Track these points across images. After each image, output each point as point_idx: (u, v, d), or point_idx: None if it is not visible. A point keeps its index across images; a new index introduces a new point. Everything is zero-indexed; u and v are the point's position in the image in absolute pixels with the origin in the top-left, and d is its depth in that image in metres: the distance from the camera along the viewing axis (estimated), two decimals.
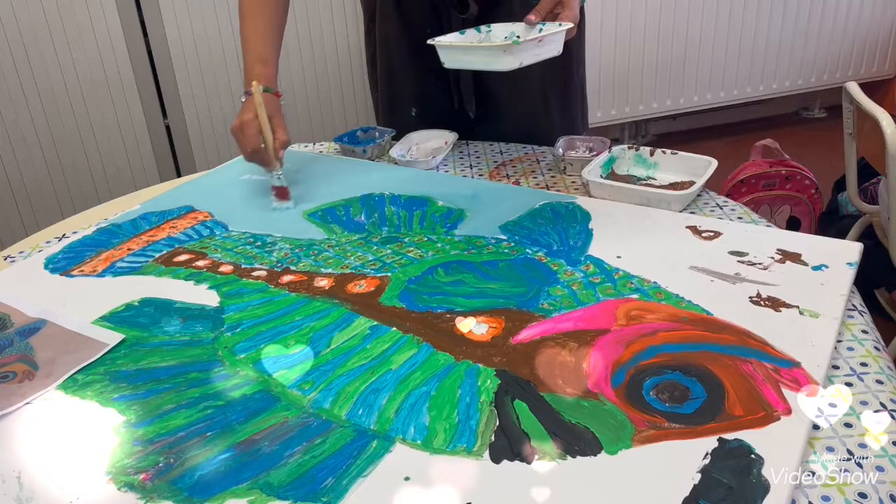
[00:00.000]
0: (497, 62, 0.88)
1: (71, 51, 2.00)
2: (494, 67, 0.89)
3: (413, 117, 1.24)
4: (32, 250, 0.92)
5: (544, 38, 0.89)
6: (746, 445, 0.53)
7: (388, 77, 1.25)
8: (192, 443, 0.57)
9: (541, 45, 0.90)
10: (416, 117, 1.24)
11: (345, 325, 0.71)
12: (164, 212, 0.99)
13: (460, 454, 0.54)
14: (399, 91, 1.25)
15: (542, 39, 0.89)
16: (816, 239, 0.81)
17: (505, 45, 0.87)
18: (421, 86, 1.22)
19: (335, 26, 2.28)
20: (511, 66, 0.88)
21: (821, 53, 2.92)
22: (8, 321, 0.75)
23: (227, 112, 2.25)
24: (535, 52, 0.89)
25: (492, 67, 0.89)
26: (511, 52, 0.87)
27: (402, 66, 1.21)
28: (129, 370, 0.67)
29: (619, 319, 0.68)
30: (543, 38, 0.89)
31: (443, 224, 0.91)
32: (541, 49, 0.90)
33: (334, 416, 0.59)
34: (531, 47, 0.88)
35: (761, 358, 0.61)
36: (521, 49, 0.87)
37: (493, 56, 0.89)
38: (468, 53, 0.93)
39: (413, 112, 1.25)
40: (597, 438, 0.55)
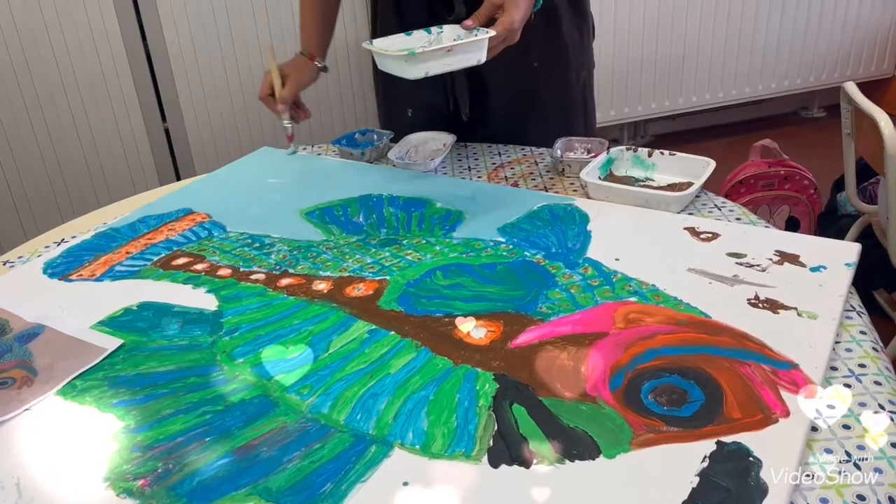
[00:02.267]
0: (403, 70, 0.87)
1: (70, 54, 2.00)
2: (404, 75, 0.88)
3: (408, 118, 1.25)
4: (31, 255, 0.92)
5: (454, 48, 0.86)
6: (745, 448, 0.53)
7: (385, 76, 1.25)
8: (191, 448, 0.57)
9: (453, 55, 0.86)
10: (412, 118, 1.24)
11: (343, 328, 0.71)
12: (163, 214, 0.99)
13: (459, 459, 0.54)
14: (396, 91, 1.26)
15: (451, 49, 0.86)
16: (814, 240, 0.81)
17: (405, 55, 0.85)
18: (417, 87, 1.21)
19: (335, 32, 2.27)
20: (417, 76, 0.86)
21: (819, 53, 2.92)
22: (7, 327, 0.75)
23: (226, 115, 2.25)
24: (445, 62, 0.87)
25: (401, 75, 0.88)
26: (412, 62, 0.85)
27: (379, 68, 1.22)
28: (128, 375, 0.67)
29: (618, 322, 0.68)
30: (453, 48, 0.86)
31: (441, 226, 0.91)
32: (453, 58, 0.87)
33: (333, 420, 0.59)
34: (438, 56, 0.86)
35: (759, 360, 0.61)
36: (423, 59, 0.85)
37: (398, 64, 0.88)
38: (384, 59, 0.91)
39: (409, 113, 1.25)
40: (595, 442, 0.55)
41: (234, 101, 2.24)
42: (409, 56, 0.85)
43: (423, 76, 0.87)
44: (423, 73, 0.86)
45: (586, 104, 1.27)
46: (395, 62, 0.88)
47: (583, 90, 1.25)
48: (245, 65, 2.21)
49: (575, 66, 1.22)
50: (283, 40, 2.23)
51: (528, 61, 1.16)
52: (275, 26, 2.20)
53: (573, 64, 1.21)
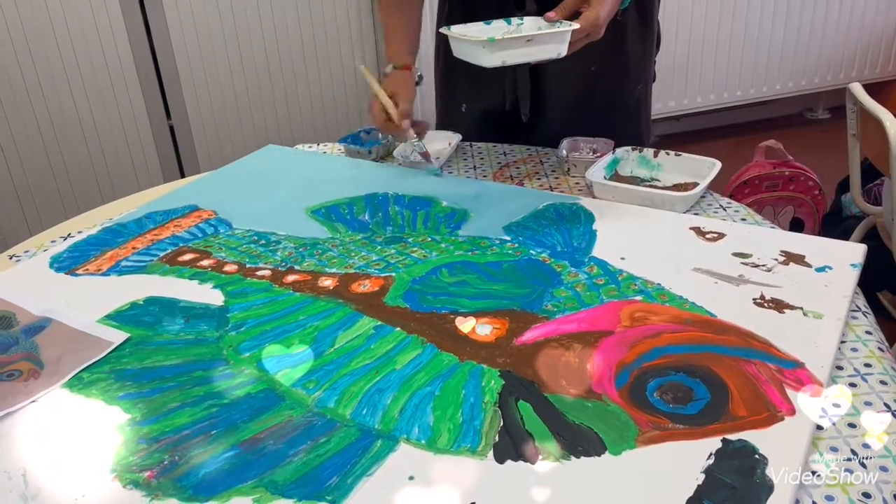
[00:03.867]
0: (479, 57, 0.85)
1: (75, 51, 2.01)
2: (480, 62, 0.85)
3: (462, 113, 1.24)
4: (38, 250, 0.93)
5: (535, 38, 0.84)
6: (750, 446, 0.53)
7: (446, 68, 1.26)
8: (197, 441, 0.57)
9: (531, 45, 0.84)
10: (465, 114, 1.23)
11: (349, 324, 0.71)
12: (169, 211, 1.00)
13: (464, 454, 0.54)
14: (454, 85, 1.24)
15: (531, 39, 0.84)
16: (820, 240, 0.81)
17: (483, 42, 0.83)
18: (476, 82, 1.21)
19: (338, 28, 2.28)
20: (492, 64, 0.84)
21: (824, 54, 2.91)
22: (13, 320, 0.76)
23: (230, 113, 2.25)
24: (523, 52, 0.84)
25: (477, 62, 0.86)
26: (490, 49, 0.83)
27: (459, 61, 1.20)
28: (134, 369, 0.67)
29: (623, 321, 0.68)
30: (534, 38, 0.84)
31: (447, 224, 0.91)
32: (531, 49, 0.85)
33: (339, 415, 0.59)
34: (518, 45, 0.84)
35: (765, 359, 0.62)
36: (501, 47, 0.83)
37: (475, 51, 0.85)
38: (461, 45, 0.89)
39: (463, 107, 1.24)
40: (600, 439, 0.55)
41: (238, 98, 2.24)
42: (489, 42, 0.82)
43: (500, 64, 0.84)
44: (500, 61, 0.84)
45: (639, 116, 1.24)
46: (473, 48, 0.86)
47: (637, 102, 1.23)
48: (250, 62, 2.22)
49: (633, 78, 1.19)
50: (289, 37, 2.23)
51: (587, 66, 1.14)
52: (279, 24, 2.21)
53: (631, 75, 1.19)
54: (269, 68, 2.25)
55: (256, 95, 2.27)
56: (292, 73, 2.28)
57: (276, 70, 2.26)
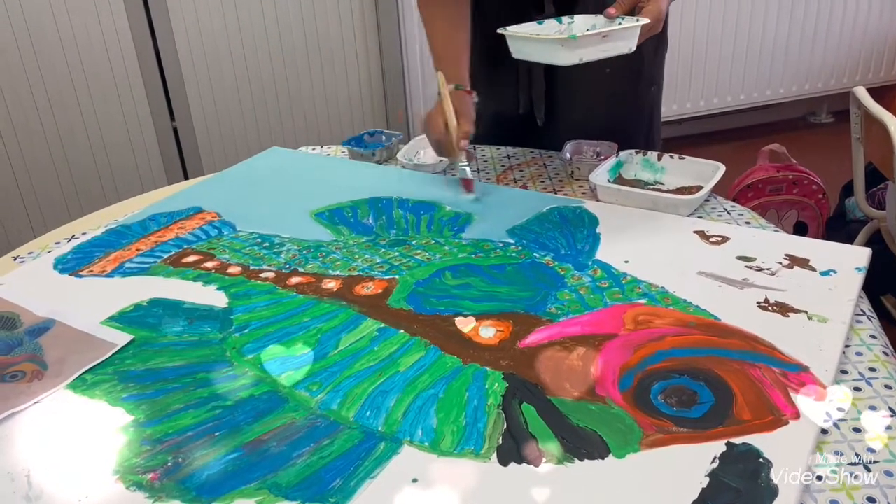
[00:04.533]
0: (555, 56, 0.84)
1: (80, 53, 2.01)
2: (554, 61, 0.85)
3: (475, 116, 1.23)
4: (42, 251, 0.93)
5: (610, 34, 0.83)
6: (755, 449, 0.53)
7: None
8: (201, 443, 0.57)
9: (606, 41, 0.84)
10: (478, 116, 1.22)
11: (353, 326, 0.71)
12: (173, 212, 1.00)
13: (468, 457, 0.54)
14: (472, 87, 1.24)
15: (606, 35, 0.83)
16: (824, 244, 0.81)
17: (562, 39, 0.83)
18: (490, 86, 1.18)
19: (342, 31, 2.29)
20: (570, 62, 0.83)
21: (828, 58, 2.91)
22: (17, 321, 0.76)
23: (234, 115, 2.26)
24: (599, 48, 0.84)
25: (551, 61, 0.85)
26: (569, 46, 0.82)
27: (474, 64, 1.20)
28: (138, 370, 0.67)
29: (627, 324, 0.68)
30: (609, 34, 0.83)
31: (450, 227, 0.91)
32: (606, 45, 0.84)
33: (342, 417, 0.59)
34: (593, 42, 0.83)
35: (769, 362, 0.61)
36: (579, 45, 0.82)
37: (551, 49, 0.84)
38: (530, 45, 0.88)
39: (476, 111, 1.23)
40: (604, 442, 0.55)
41: (242, 100, 2.25)
42: (568, 40, 0.82)
43: (577, 62, 0.83)
44: (577, 58, 0.83)
45: (652, 120, 1.24)
46: (548, 47, 0.84)
47: (651, 106, 1.23)
48: (254, 65, 2.22)
49: (646, 81, 1.19)
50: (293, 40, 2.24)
51: (601, 68, 1.12)
52: (284, 29, 2.21)
53: (644, 78, 1.19)
54: (273, 70, 2.25)
55: (260, 97, 2.27)
56: (296, 75, 2.28)
57: (279, 72, 2.26)
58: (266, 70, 2.25)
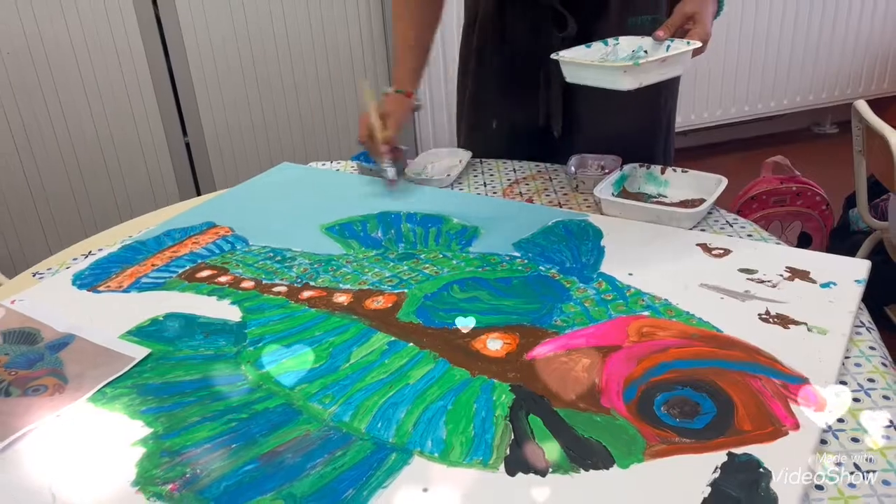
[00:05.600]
0: (617, 82, 0.87)
1: (94, 69, 2.05)
2: (615, 87, 0.87)
3: (493, 130, 1.25)
4: (60, 267, 0.95)
5: (668, 59, 0.86)
6: (755, 459, 0.54)
7: (477, 85, 1.27)
8: (218, 454, 0.59)
9: (664, 65, 0.87)
10: (496, 129, 1.24)
11: (363, 340, 0.73)
12: (187, 228, 1.02)
13: (476, 466, 0.56)
14: (485, 101, 1.26)
15: (665, 59, 0.86)
16: (825, 256, 0.83)
17: (626, 66, 0.85)
18: (508, 99, 1.22)
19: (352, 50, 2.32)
20: (631, 87, 0.86)
21: (832, 69, 2.93)
22: (38, 336, 0.78)
23: (245, 130, 2.29)
24: (658, 72, 0.87)
25: (612, 87, 0.88)
26: (631, 72, 0.85)
27: (492, 77, 1.21)
28: (156, 383, 0.69)
29: (631, 336, 0.70)
30: (667, 58, 0.86)
31: (458, 241, 0.93)
32: (664, 69, 0.87)
33: (354, 429, 0.61)
34: (653, 67, 0.86)
35: (770, 374, 0.63)
36: (641, 70, 0.85)
37: (613, 76, 0.87)
38: (589, 71, 0.91)
39: (493, 124, 1.25)
40: (609, 452, 0.56)
41: (253, 116, 2.28)
42: (632, 67, 0.85)
43: (637, 87, 0.86)
44: (638, 83, 0.86)
45: (668, 131, 1.25)
46: (609, 73, 0.87)
47: (668, 117, 1.24)
48: (265, 81, 2.25)
49: (665, 92, 1.21)
50: (303, 56, 2.27)
51: None
52: (294, 45, 2.24)
53: (663, 88, 1.19)
54: (284, 87, 2.28)
55: (271, 113, 2.30)
56: (306, 92, 2.31)
57: (290, 88, 2.29)
58: (276, 86, 2.28)
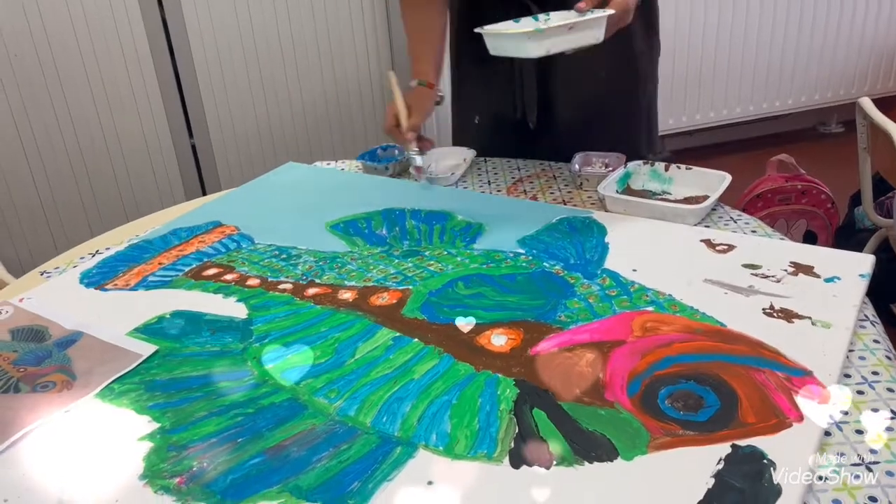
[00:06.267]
0: (524, 48, 0.87)
1: (100, 70, 2.06)
2: (524, 54, 0.88)
3: (475, 125, 1.26)
4: (67, 266, 0.96)
5: (576, 25, 0.87)
6: (759, 451, 0.54)
7: (458, 81, 1.28)
8: (224, 448, 0.60)
9: (572, 32, 0.88)
10: (479, 125, 1.25)
11: (368, 336, 0.73)
12: (193, 227, 1.03)
13: (481, 460, 0.56)
14: (466, 96, 1.27)
15: (572, 27, 0.87)
16: (829, 251, 0.83)
17: (529, 32, 0.86)
18: (487, 93, 1.22)
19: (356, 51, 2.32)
20: (538, 53, 0.87)
21: (837, 68, 2.92)
22: (46, 333, 0.79)
23: (250, 132, 2.30)
24: (566, 39, 0.87)
25: (521, 54, 0.88)
26: (535, 38, 0.86)
27: (470, 71, 1.22)
28: (163, 379, 0.69)
29: (635, 331, 0.70)
30: (574, 25, 0.87)
31: (462, 238, 0.93)
32: (572, 36, 0.88)
33: (359, 423, 0.61)
34: (560, 33, 0.87)
35: (774, 367, 0.63)
36: (546, 36, 0.86)
37: (519, 42, 0.88)
38: (501, 40, 0.92)
39: (476, 120, 1.26)
40: (613, 445, 0.56)
41: (258, 117, 2.29)
42: (535, 33, 0.85)
43: (545, 53, 0.87)
44: (545, 50, 0.87)
45: (650, 118, 1.27)
46: (517, 41, 0.88)
47: (648, 104, 1.25)
48: (270, 82, 2.26)
49: (642, 81, 1.22)
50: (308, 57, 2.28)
51: (596, 70, 1.16)
52: (300, 47, 2.25)
53: (641, 76, 1.21)
54: (289, 90, 2.29)
55: (276, 114, 2.31)
56: (311, 94, 2.32)
57: (295, 91, 2.30)
58: (282, 88, 2.29)
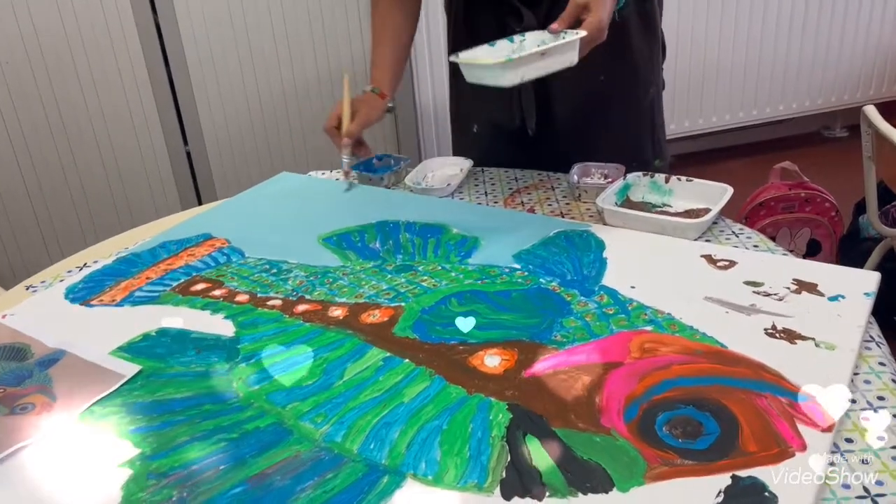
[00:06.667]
0: (500, 78, 0.87)
1: (93, 77, 2.05)
2: (500, 83, 0.87)
3: (474, 133, 1.24)
4: (54, 280, 0.94)
5: (548, 51, 0.87)
6: (760, 483, 0.52)
7: (456, 92, 1.27)
8: (206, 476, 0.58)
9: (547, 58, 0.87)
10: (477, 134, 1.23)
11: (358, 356, 0.71)
12: (182, 240, 1.01)
13: (471, 490, 0.54)
14: (465, 105, 1.25)
15: (545, 52, 0.86)
16: (833, 268, 0.80)
17: (502, 63, 0.85)
18: (485, 101, 1.21)
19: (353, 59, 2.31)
20: (513, 82, 0.86)
21: (842, 73, 2.90)
22: (28, 352, 0.77)
23: (246, 140, 2.28)
24: (540, 66, 0.87)
25: (495, 84, 0.88)
26: (509, 67, 0.85)
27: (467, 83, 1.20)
28: (145, 402, 0.67)
29: (633, 352, 0.68)
30: (547, 51, 0.86)
31: (457, 252, 0.91)
32: (546, 61, 0.87)
33: (346, 450, 0.59)
34: (533, 60, 0.86)
35: (776, 392, 0.61)
36: (518, 64, 0.85)
37: (492, 73, 0.87)
38: (476, 70, 0.91)
39: (474, 129, 1.24)
40: (608, 475, 0.54)
41: (254, 124, 2.27)
42: (507, 63, 0.85)
43: (520, 81, 0.86)
44: (519, 78, 0.86)
45: (654, 122, 1.24)
46: (490, 71, 0.88)
47: (651, 108, 1.23)
48: (266, 89, 2.25)
49: (643, 84, 1.19)
50: (304, 65, 2.26)
51: (595, 76, 1.14)
52: (295, 54, 2.24)
53: (641, 81, 1.19)
54: (285, 95, 2.27)
55: (272, 122, 2.29)
56: (308, 100, 2.30)
57: (291, 97, 2.28)
58: (277, 94, 2.27)
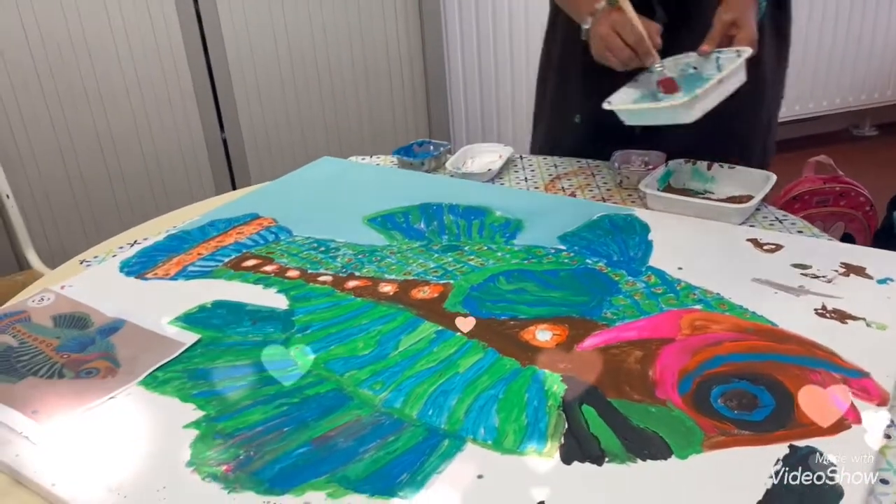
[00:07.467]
0: (679, 117, 0.85)
1: (135, 67, 2.08)
2: (678, 121, 0.85)
3: (576, 123, 1.22)
4: (107, 255, 0.96)
5: (724, 78, 0.85)
6: (819, 452, 0.53)
7: (561, 79, 1.24)
8: (270, 437, 0.59)
9: (723, 84, 0.85)
10: (579, 123, 1.22)
11: (410, 329, 0.73)
12: (231, 218, 1.03)
13: (531, 455, 0.55)
14: (569, 94, 1.23)
15: (721, 80, 0.84)
16: (880, 252, 0.81)
17: (685, 102, 0.84)
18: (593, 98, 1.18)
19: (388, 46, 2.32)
20: (695, 117, 0.85)
21: (871, 71, 2.88)
22: (88, 321, 0.79)
23: (282, 127, 2.30)
24: (717, 94, 0.85)
25: (675, 121, 0.86)
26: (693, 105, 0.83)
27: (576, 71, 1.18)
28: (206, 368, 0.69)
29: (684, 329, 0.69)
30: (723, 78, 0.84)
31: (501, 233, 0.92)
32: (722, 88, 0.85)
33: (406, 415, 0.61)
34: (712, 90, 0.84)
35: (829, 368, 0.62)
36: (700, 99, 0.83)
37: (675, 113, 0.85)
38: (645, 114, 0.89)
39: (577, 118, 1.22)
40: (666, 443, 0.55)
41: (290, 113, 2.30)
42: (692, 100, 0.83)
43: (701, 115, 0.85)
44: (700, 112, 0.84)
45: (769, 128, 1.21)
46: (671, 112, 0.86)
47: (769, 118, 1.19)
48: (302, 78, 2.27)
49: (769, 92, 1.15)
50: (340, 55, 2.28)
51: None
52: (332, 39, 2.26)
53: (768, 89, 1.14)
54: (321, 83, 2.30)
55: (307, 110, 2.32)
56: (342, 87, 2.32)
57: (327, 84, 2.31)
58: (314, 83, 2.29)
